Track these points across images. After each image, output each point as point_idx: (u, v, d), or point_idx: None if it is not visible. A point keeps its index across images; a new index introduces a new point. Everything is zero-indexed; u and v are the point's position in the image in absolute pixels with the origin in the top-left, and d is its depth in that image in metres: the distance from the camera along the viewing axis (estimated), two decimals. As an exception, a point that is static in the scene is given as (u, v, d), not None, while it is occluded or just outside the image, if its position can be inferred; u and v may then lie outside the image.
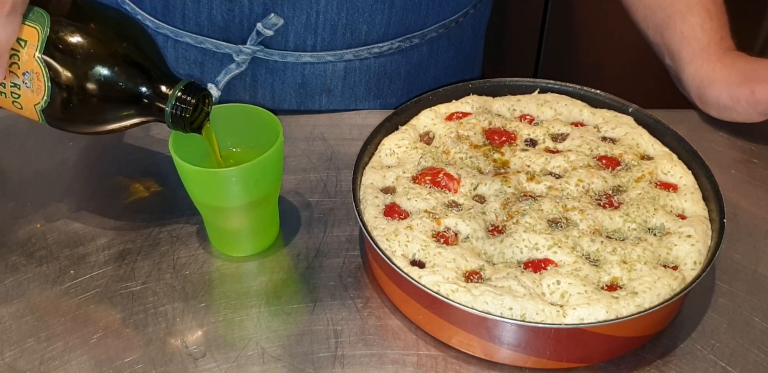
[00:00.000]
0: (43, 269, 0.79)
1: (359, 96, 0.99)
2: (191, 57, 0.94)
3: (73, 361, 0.72)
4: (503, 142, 0.84)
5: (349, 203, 0.76)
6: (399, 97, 1.01)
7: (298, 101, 0.98)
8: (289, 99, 0.97)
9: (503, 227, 0.75)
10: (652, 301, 0.69)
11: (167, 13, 0.91)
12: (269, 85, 0.96)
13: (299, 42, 0.91)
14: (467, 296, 0.69)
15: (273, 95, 0.97)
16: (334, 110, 0.97)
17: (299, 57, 0.92)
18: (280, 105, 0.97)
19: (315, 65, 0.94)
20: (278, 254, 0.81)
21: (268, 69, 0.94)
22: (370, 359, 0.72)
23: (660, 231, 0.75)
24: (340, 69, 0.95)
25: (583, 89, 0.89)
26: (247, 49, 0.91)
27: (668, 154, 0.82)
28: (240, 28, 0.90)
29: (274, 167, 0.75)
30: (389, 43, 0.94)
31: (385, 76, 0.98)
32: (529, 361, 0.71)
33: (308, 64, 0.93)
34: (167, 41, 0.94)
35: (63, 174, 0.90)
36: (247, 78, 0.95)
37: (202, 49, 0.93)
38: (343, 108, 0.98)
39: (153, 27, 0.94)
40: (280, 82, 0.95)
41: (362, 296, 0.77)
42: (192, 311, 0.76)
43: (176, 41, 0.93)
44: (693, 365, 0.71)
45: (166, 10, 0.91)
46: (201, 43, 0.92)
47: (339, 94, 0.97)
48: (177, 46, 0.94)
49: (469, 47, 1.06)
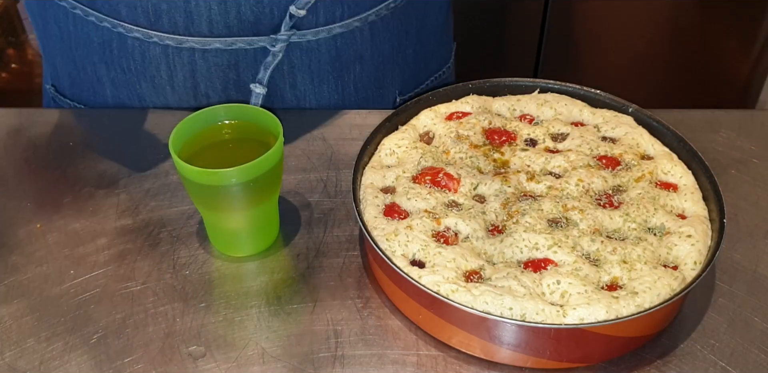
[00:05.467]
0: (43, 269, 0.79)
1: (386, 57, 1.00)
2: (224, 62, 0.93)
3: (73, 361, 0.72)
4: (503, 142, 0.85)
5: (349, 203, 0.76)
6: (414, 49, 1.04)
7: (335, 76, 0.98)
8: (327, 76, 0.98)
9: (503, 227, 0.75)
10: (652, 301, 0.69)
11: (191, 25, 0.90)
12: (306, 67, 0.96)
13: (329, 15, 0.92)
14: (467, 296, 0.69)
15: (312, 76, 0.97)
16: (363, 83, 1.00)
17: (330, 31, 0.93)
18: (320, 85, 0.98)
19: (344, 35, 0.95)
20: (278, 254, 0.81)
21: (302, 50, 0.94)
22: (370, 359, 0.72)
23: (660, 231, 0.75)
24: (367, 32, 0.96)
25: (583, 89, 0.89)
26: (282, 36, 0.91)
27: (668, 154, 0.82)
28: (271, 18, 0.90)
29: (274, 167, 0.75)
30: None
31: (402, 30, 1.00)
32: (529, 361, 0.71)
33: (338, 35, 0.94)
34: (194, 54, 0.92)
35: (63, 174, 0.90)
36: (284, 66, 0.95)
37: (234, 51, 0.92)
38: (373, 72, 1.00)
39: (175, 44, 0.91)
40: (316, 60, 0.95)
41: (362, 296, 0.77)
42: (192, 311, 0.76)
43: (204, 51, 0.92)
44: (693, 365, 0.71)
45: (189, 22, 0.89)
46: (232, 44, 0.91)
47: (369, 59, 0.99)
48: (206, 56, 0.92)
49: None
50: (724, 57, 1.93)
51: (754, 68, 1.95)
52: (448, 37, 1.14)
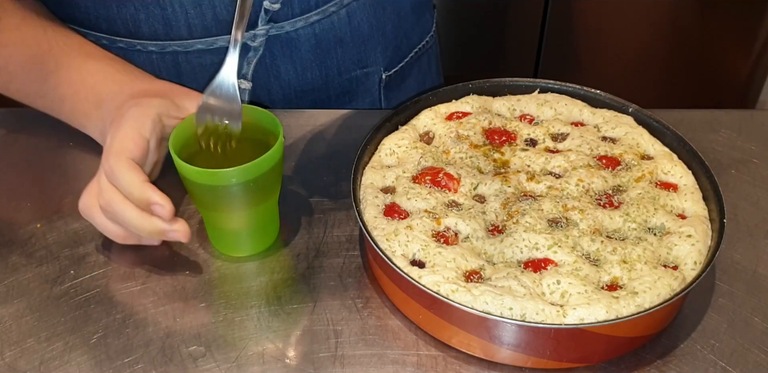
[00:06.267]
0: (43, 269, 0.79)
1: (366, 36, 1.00)
2: (207, 62, 0.94)
3: (73, 361, 0.72)
4: (503, 142, 0.84)
5: (349, 203, 0.76)
6: (393, 24, 1.03)
7: (318, 63, 0.99)
8: (309, 63, 0.98)
9: (503, 227, 0.75)
10: (652, 301, 0.69)
11: (170, 31, 0.90)
12: (288, 57, 0.96)
13: (303, 4, 0.92)
14: (467, 296, 0.69)
15: (294, 65, 0.97)
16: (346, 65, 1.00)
17: (307, 19, 0.94)
18: (303, 72, 0.98)
19: (322, 21, 0.95)
20: (278, 254, 0.81)
21: (282, 42, 0.94)
22: (370, 359, 0.72)
23: (660, 231, 0.75)
24: (344, 15, 0.96)
25: (583, 89, 0.89)
26: (260, 31, 0.91)
27: (668, 154, 0.82)
28: None
29: (274, 167, 0.75)
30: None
31: (378, 7, 1.00)
32: (529, 361, 0.71)
33: (316, 22, 0.95)
34: (177, 57, 0.93)
35: (63, 174, 0.90)
36: (266, 59, 0.95)
37: (216, 50, 0.93)
38: (355, 53, 1.00)
39: (158, 49, 0.92)
40: (297, 50, 0.96)
41: (362, 296, 0.77)
42: (192, 311, 0.76)
43: (187, 53, 0.92)
44: (693, 365, 0.71)
45: (168, 28, 0.90)
46: (213, 44, 0.92)
47: (349, 41, 0.99)
48: (189, 58, 0.93)
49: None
50: (724, 57, 1.93)
51: (754, 68, 1.95)
52: (426, 7, 1.13)
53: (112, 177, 0.74)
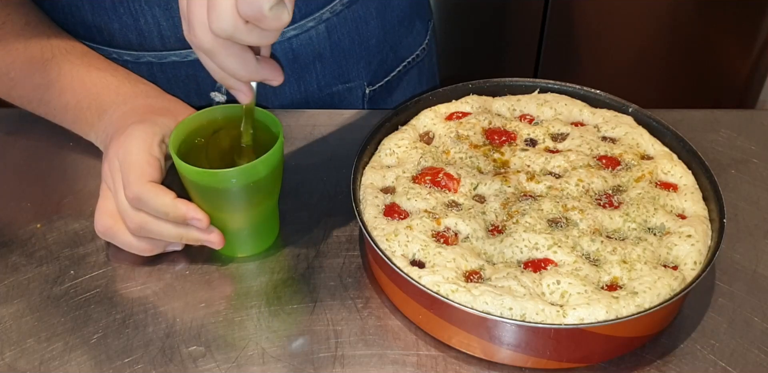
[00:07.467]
0: (43, 269, 0.79)
1: (347, 51, 0.99)
2: (182, 74, 0.93)
3: (73, 361, 0.72)
4: (503, 142, 0.84)
5: (349, 203, 0.76)
6: (378, 39, 1.01)
7: (296, 78, 0.97)
8: (287, 78, 0.96)
9: (503, 227, 0.75)
10: (652, 301, 0.69)
11: (144, 41, 0.90)
12: None
13: None
14: (467, 296, 0.69)
15: None
16: (325, 82, 0.98)
17: (284, 34, 0.92)
18: (281, 87, 0.97)
19: (300, 36, 0.94)
20: (278, 254, 0.81)
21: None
22: (370, 359, 0.72)
23: (660, 231, 0.75)
24: (323, 31, 0.95)
25: (583, 89, 0.89)
26: None
27: (668, 154, 0.82)
28: None
29: (274, 167, 0.75)
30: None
31: (361, 22, 0.98)
32: (529, 361, 0.71)
33: (293, 38, 0.93)
34: (152, 68, 0.93)
35: (63, 174, 0.90)
36: None
37: (190, 63, 0.92)
38: (336, 68, 0.99)
39: (133, 59, 0.92)
40: None
41: (362, 296, 0.77)
42: (192, 311, 0.76)
43: (162, 64, 0.92)
44: (693, 365, 0.71)
45: (141, 39, 0.90)
46: (187, 56, 0.92)
47: (329, 56, 0.98)
48: (164, 69, 0.93)
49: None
50: (724, 57, 1.93)
51: (754, 68, 1.95)
52: (419, 18, 1.10)
53: (140, 203, 0.74)
